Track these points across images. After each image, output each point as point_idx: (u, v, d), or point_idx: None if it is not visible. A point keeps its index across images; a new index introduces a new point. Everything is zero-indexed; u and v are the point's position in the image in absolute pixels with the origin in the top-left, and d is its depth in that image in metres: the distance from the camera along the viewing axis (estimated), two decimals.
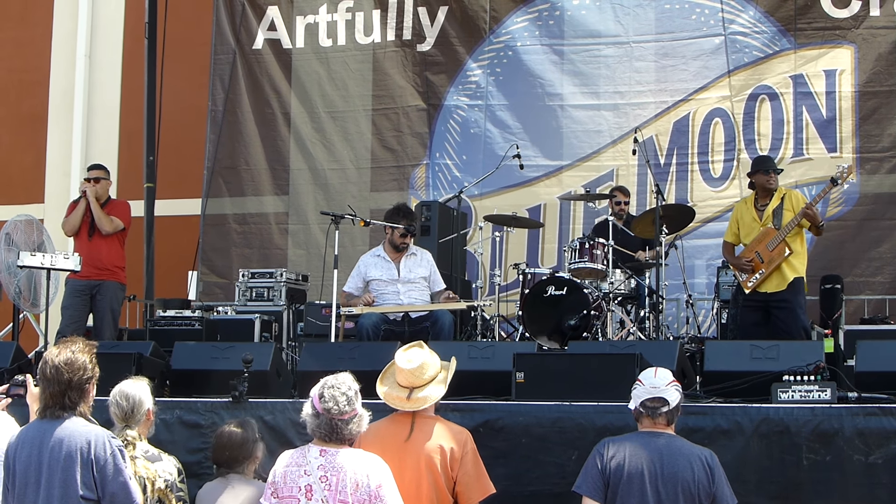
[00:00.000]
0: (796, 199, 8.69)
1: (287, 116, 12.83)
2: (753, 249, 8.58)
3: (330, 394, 4.86)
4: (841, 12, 11.23)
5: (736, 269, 8.73)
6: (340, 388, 4.89)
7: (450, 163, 12.30)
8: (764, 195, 8.74)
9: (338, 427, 4.84)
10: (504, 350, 7.00)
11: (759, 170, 8.78)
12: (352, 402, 4.87)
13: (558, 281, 9.05)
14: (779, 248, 8.45)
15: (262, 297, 11.06)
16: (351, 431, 4.88)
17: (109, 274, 9.41)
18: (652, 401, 5.03)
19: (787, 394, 6.09)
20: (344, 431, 4.85)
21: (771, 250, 8.46)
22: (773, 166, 8.85)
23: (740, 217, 8.85)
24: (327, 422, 4.83)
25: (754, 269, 8.55)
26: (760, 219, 8.65)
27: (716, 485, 4.90)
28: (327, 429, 4.84)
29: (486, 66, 12.24)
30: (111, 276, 9.42)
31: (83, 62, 14.74)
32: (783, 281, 8.51)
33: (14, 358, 7.68)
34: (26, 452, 4.64)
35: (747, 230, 8.73)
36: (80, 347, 4.74)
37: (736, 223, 8.88)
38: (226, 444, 5.53)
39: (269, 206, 12.81)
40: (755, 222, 8.66)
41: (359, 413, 4.91)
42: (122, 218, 9.58)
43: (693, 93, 11.60)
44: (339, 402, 4.84)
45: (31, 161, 14.71)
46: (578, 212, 11.88)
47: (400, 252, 9.05)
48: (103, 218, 9.41)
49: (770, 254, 8.47)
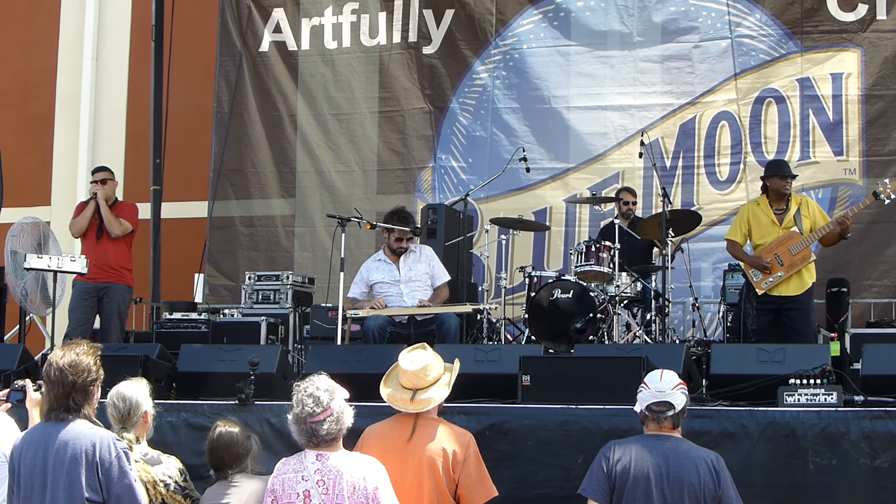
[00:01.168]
0: (813, 207, 8.67)
1: (293, 119, 12.84)
2: (773, 251, 8.51)
3: (298, 398, 4.80)
4: (847, 16, 11.22)
5: (752, 267, 8.57)
6: (308, 388, 4.81)
7: (455, 165, 12.30)
8: (778, 199, 8.67)
9: (313, 429, 4.75)
10: (510, 353, 7.00)
11: (777, 174, 8.71)
12: (320, 402, 4.76)
13: (565, 284, 9.05)
14: (803, 252, 8.42)
15: (269, 299, 11.07)
16: (329, 431, 4.77)
17: (117, 276, 9.43)
18: (657, 405, 5.02)
19: (794, 397, 6.08)
20: (320, 433, 4.75)
21: (794, 254, 8.42)
22: (789, 171, 8.80)
23: (753, 218, 8.74)
24: (304, 427, 4.77)
25: (772, 271, 8.51)
26: (780, 223, 8.59)
27: (722, 488, 4.90)
28: (306, 434, 4.78)
29: (491, 68, 12.24)
30: (119, 279, 9.44)
31: (90, 64, 14.77)
32: (802, 285, 8.48)
33: (20, 360, 7.69)
34: (31, 455, 4.63)
35: (763, 232, 8.63)
36: (84, 350, 4.73)
37: (746, 223, 8.76)
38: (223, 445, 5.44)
39: (276, 209, 12.82)
40: (774, 225, 8.58)
41: (335, 411, 4.79)
42: (131, 220, 9.60)
43: (699, 96, 11.59)
44: (306, 405, 4.76)
45: (38, 163, 14.73)
46: (584, 214, 11.88)
47: (399, 255, 9.11)
48: (113, 220, 9.43)
49: (793, 258, 8.43)
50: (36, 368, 7.44)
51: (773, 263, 8.50)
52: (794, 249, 8.44)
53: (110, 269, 9.40)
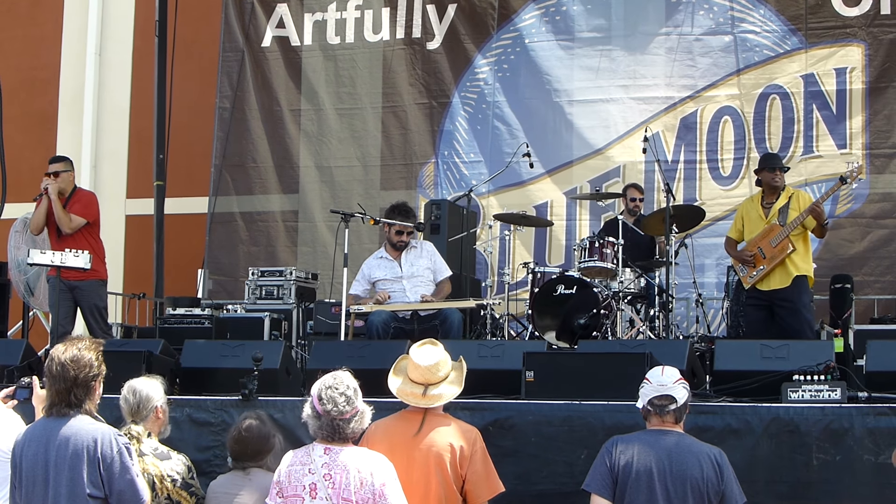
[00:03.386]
0: (803, 199, 8.69)
1: (295, 114, 12.83)
2: (756, 245, 8.59)
3: (329, 395, 4.84)
4: (851, 10, 11.21)
5: (738, 262, 8.74)
6: (339, 387, 4.86)
7: (458, 160, 12.29)
8: (770, 193, 8.73)
9: (339, 427, 4.82)
10: (514, 349, 6.99)
11: (765, 167, 8.79)
12: (351, 400, 4.85)
13: (568, 280, 9.04)
14: (782, 244, 8.44)
15: (272, 295, 11.06)
16: (353, 429, 4.87)
17: (84, 273, 8.54)
18: (659, 398, 5.03)
19: (798, 393, 6.07)
20: (346, 430, 4.84)
21: (774, 246, 8.45)
22: (779, 164, 8.85)
23: (746, 213, 8.85)
24: (329, 422, 4.82)
25: (755, 265, 8.55)
26: (766, 216, 8.64)
27: (724, 483, 4.90)
28: (329, 429, 4.83)
29: (493, 62, 12.24)
30: (87, 275, 8.68)
31: (93, 60, 14.75)
32: (787, 278, 8.51)
33: (24, 355, 7.68)
34: (33, 450, 4.63)
35: (752, 227, 8.73)
36: (86, 345, 4.73)
37: (741, 220, 8.87)
38: (251, 437, 5.47)
39: (277, 205, 12.81)
40: (760, 220, 8.67)
41: (360, 410, 4.89)
42: (86, 212, 9.06)
43: (701, 90, 11.59)
44: (338, 403, 4.82)
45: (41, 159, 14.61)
46: (585, 209, 11.87)
47: (400, 250, 9.10)
48: (63, 216, 8.92)
49: (773, 250, 8.46)
50: (39, 363, 7.44)
51: (757, 257, 8.55)
52: (773, 242, 8.49)
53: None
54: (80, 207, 9.07)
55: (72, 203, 9.08)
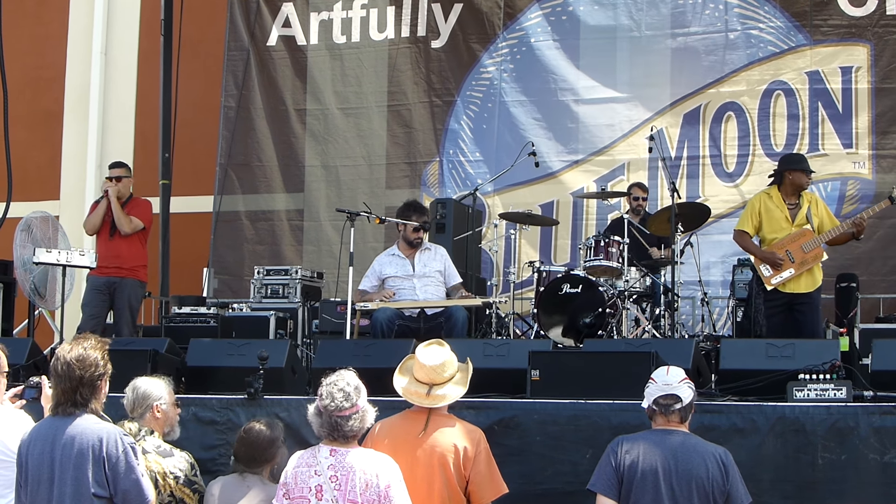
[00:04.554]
0: (821, 207, 8.64)
1: (300, 113, 12.85)
2: (784, 247, 8.44)
3: (328, 391, 4.86)
4: (857, 10, 11.19)
5: (763, 261, 8.50)
6: (338, 384, 4.87)
7: (462, 159, 12.30)
8: (791, 194, 8.59)
9: (338, 424, 4.82)
10: (519, 348, 6.98)
11: (801, 169, 8.59)
12: (350, 398, 4.85)
13: (573, 279, 9.05)
14: (815, 251, 8.40)
15: (278, 294, 11.06)
16: (353, 428, 4.85)
17: (129, 272, 9.46)
18: (665, 398, 5.04)
19: (803, 392, 6.06)
20: (345, 428, 4.82)
21: (807, 252, 8.39)
22: (809, 167, 8.76)
23: (765, 210, 8.62)
24: (328, 419, 4.82)
25: (783, 267, 8.46)
26: (792, 219, 8.52)
27: (730, 482, 4.90)
28: (329, 427, 4.83)
29: (499, 62, 12.24)
30: (130, 274, 9.47)
31: (99, 59, 14.78)
32: (813, 283, 8.45)
33: (30, 354, 7.69)
34: (38, 449, 4.64)
35: (774, 227, 8.53)
36: (92, 344, 4.73)
37: (758, 215, 8.63)
38: (253, 441, 5.50)
39: (282, 203, 12.83)
40: (787, 221, 8.50)
41: (360, 408, 4.88)
42: (143, 217, 9.62)
43: (705, 86, 11.57)
44: (336, 399, 4.82)
45: (47, 158, 14.75)
46: (591, 208, 11.86)
47: (414, 248, 9.10)
48: (123, 218, 9.46)
49: (805, 255, 8.39)
50: (45, 363, 7.45)
51: (785, 260, 8.46)
52: (806, 247, 8.40)
53: (122, 266, 9.44)
54: (139, 212, 9.63)
55: (130, 207, 9.63)
